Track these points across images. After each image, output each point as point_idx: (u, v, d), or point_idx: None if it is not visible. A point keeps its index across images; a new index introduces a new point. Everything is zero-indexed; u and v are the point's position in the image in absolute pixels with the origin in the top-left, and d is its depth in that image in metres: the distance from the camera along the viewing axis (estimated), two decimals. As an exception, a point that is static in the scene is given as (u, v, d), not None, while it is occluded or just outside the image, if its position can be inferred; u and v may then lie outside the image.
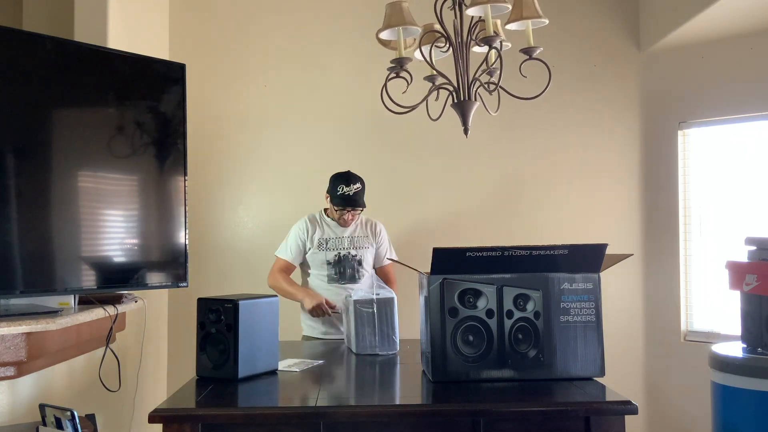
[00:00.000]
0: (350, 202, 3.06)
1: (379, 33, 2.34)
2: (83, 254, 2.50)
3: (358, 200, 3.08)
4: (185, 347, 3.66)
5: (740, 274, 2.78)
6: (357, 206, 3.08)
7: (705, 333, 3.75)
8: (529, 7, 2.21)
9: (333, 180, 3.13)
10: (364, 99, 3.85)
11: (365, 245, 3.19)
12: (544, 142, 4.02)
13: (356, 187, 3.07)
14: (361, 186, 3.11)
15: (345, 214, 3.10)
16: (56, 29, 3.01)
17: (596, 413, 1.79)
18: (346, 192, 3.05)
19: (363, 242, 3.19)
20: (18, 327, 2.03)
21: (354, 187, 3.06)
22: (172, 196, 2.80)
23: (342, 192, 3.05)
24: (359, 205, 3.09)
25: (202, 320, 2.13)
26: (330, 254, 3.13)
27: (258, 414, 1.79)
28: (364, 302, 2.59)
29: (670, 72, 3.92)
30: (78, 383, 2.69)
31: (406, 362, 2.43)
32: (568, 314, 2.03)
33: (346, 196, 3.05)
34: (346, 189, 3.05)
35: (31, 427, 2.14)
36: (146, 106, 2.73)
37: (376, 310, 2.58)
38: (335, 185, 3.09)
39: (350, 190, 3.05)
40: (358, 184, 3.09)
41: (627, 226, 4.00)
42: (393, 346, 2.58)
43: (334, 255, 3.13)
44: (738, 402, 2.65)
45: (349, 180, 3.08)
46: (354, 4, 3.99)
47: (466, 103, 2.31)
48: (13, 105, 2.30)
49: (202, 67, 3.88)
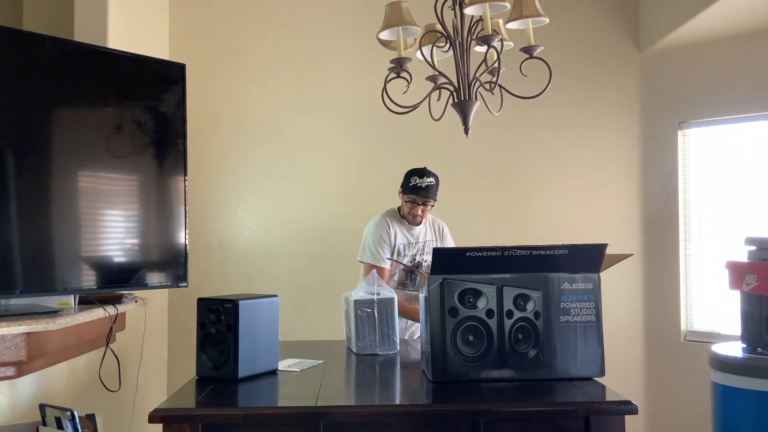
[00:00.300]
0: (422, 192, 3.02)
1: (379, 33, 2.34)
2: (83, 254, 2.50)
3: (429, 193, 3.03)
4: (185, 347, 3.66)
5: (740, 274, 2.78)
6: (428, 197, 3.03)
7: (705, 333, 3.75)
8: (529, 6, 2.21)
9: (407, 174, 3.10)
10: (364, 99, 3.85)
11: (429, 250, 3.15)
12: (544, 142, 4.02)
13: (430, 180, 3.04)
14: (435, 181, 3.06)
15: (416, 208, 3.05)
16: (56, 29, 3.01)
17: (596, 413, 1.79)
18: (419, 183, 3.02)
19: (429, 247, 3.15)
20: (18, 327, 2.03)
21: (428, 180, 3.02)
22: (172, 196, 2.80)
23: (415, 183, 3.03)
24: (431, 196, 3.04)
25: (202, 320, 2.13)
26: (405, 260, 3.10)
27: (258, 414, 1.78)
28: (364, 302, 2.59)
29: (670, 72, 3.92)
30: (78, 383, 2.69)
31: (406, 362, 2.43)
32: (568, 314, 2.03)
33: (418, 186, 3.02)
34: (419, 181, 3.02)
35: (31, 427, 2.14)
36: (146, 106, 2.74)
37: (376, 310, 2.59)
38: (409, 177, 3.06)
39: (423, 182, 3.02)
40: (431, 178, 3.05)
41: (627, 226, 4.00)
42: (393, 346, 2.57)
43: (410, 260, 3.12)
44: (738, 402, 2.65)
45: (424, 173, 3.05)
46: (354, 5, 3.99)
47: (466, 103, 2.31)
48: (13, 105, 2.30)
49: (202, 67, 3.88)
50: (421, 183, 3.01)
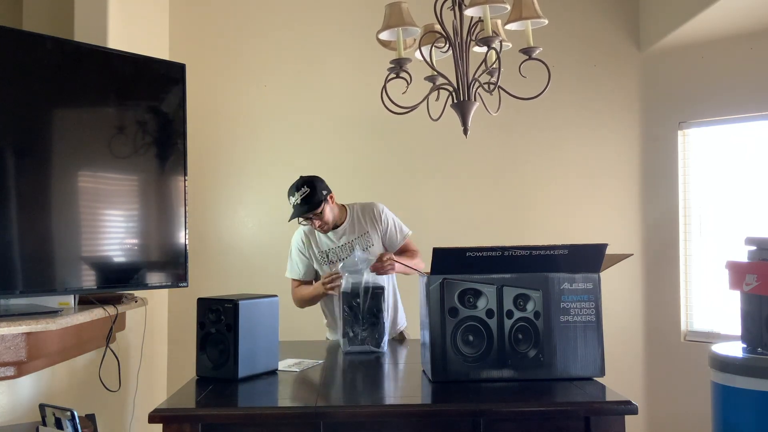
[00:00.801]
0: (298, 211, 2.81)
1: (379, 33, 2.34)
2: (83, 254, 2.50)
3: (306, 208, 2.79)
4: (185, 347, 3.66)
5: (740, 274, 2.78)
6: (309, 210, 2.79)
7: (705, 333, 3.75)
8: (528, 8, 2.21)
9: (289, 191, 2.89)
10: (363, 99, 3.84)
11: (369, 242, 2.93)
12: (543, 143, 4.02)
13: (301, 192, 2.79)
14: (309, 188, 2.79)
15: (311, 224, 2.87)
16: (56, 29, 3.01)
17: (596, 413, 1.79)
18: (294, 203, 2.81)
19: (365, 240, 2.93)
20: (18, 327, 2.03)
21: (299, 194, 2.79)
22: (172, 196, 2.80)
23: (292, 204, 2.82)
24: (312, 208, 2.79)
25: (202, 320, 2.13)
26: (336, 266, 2.86)
27: (258, 414, 1.78)
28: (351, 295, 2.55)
29: (670, 72, 3.92)
30: (78, 383, 2.69)
31: (406, 362, 2.43)
32: (568, 314, 2.03)
33: (295, 206, 2.81)
34: (293, 199, 2.81)
35: (31, 427, 2.14)
36: (146, 106, 2.73)
37: (362, 302, 2.54)
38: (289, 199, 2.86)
39: (297, 199, 2.79)
40: (303, 188, 2.79)
41: (627, 226, 4.00)
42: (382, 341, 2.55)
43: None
44: (738, 402, 2.65)
45: (294, 189, 2.82)
46: (354, 5, 3.99)
47: (465, 104, 2.31)
48: (13, 105, 2.30)
49: (202, 67, 3.88)
50: (296, 201, 2.80)
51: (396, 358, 2.56)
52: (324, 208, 2.82)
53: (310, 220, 2.85)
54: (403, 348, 2.81)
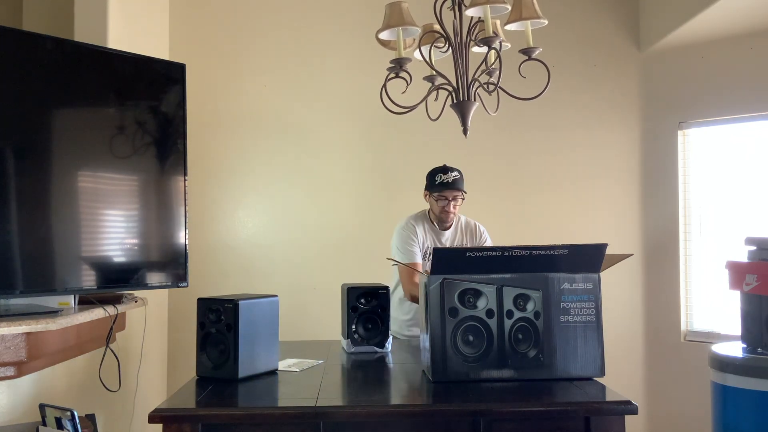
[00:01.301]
0: (450, 186, 2.95)
1: (379, 33, 2.34)
2: (83, 254, 2.50)
3: (457, 184, 2.97)
4: (185, 347, 3.66)
5: (740, 274, 2.78)
6: (457, 189, 2.96)
7: (705, 333, 3.75)
8: (528, 8, 2.21)
9: (430, 173, 3.05)
10: (363, 99, 3.85)
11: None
12: (543, 143, 4.02)
13: (455, 174, 2.98)
14: (460, 174, 3.00)
15: (447, 205, 2.99)
16: (56, 29, 3.01)
17: (596, 413, 1.79)
18: (445, 179, 2.96)
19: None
20: (18, 327, 2.03)
21: (452, 174, 2.97)
22: (172, 196, 2.80)
23: (441, 180, 2.96)
24: (459, 187, 2.97)
25: (202, 320, 2.13)
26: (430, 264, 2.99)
27: (258, 414, 1.78)
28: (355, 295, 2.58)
29: (670, 72, 3.92)
30: (78, 383, 2.69)
31: (406, 362, 2.43)
32: (568, 314, 2.03)
33: (444, 182, 2.95)
34: (444, 177, 2.97)
35: (31, 427, 2.14)
36: (146, 106, 2.74)
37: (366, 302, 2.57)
38: (432, 176, 3.01)
39: (449, 177, 2.96)
40: (455, 172, 2.99)
41: (627, 226, 4.00)
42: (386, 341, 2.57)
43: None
44: (738, 402, 2.65)
45: (447, 169, 2.99)
46: (354, 5, 3.99)
47: (465, 104, 2.31)
48: (13, 105, 2.30)
49: (202, 67, 3.88)
50: (446, 178, 2.96)
51: (396, 358, 2.56)
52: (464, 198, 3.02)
53: (449, 201, 2.98)
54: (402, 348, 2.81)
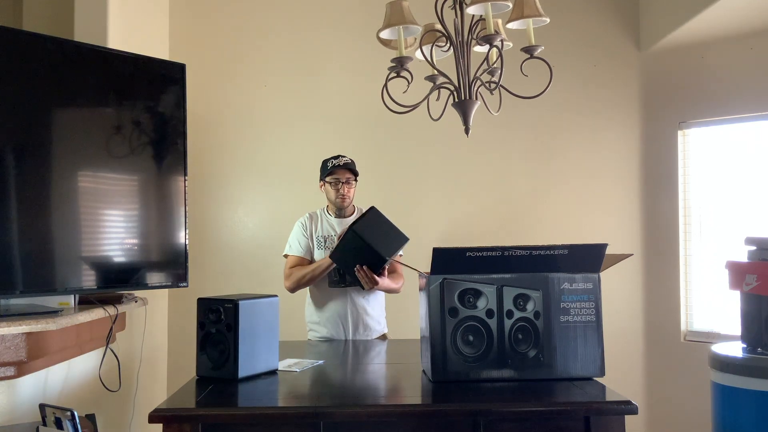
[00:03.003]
0: (341, 168, 3.00)
1: (380, 32, 2.34)
2: (83, 254, 2.50)
3: (349, 166, 3.01)
4: (185, 347, 3.65)
5: (740, 274, 2.78)
6: (348, 169, 3.00)
7: (705, 333, 3.75)
8: (530, 6, 2.21)
9: (323, 162, 3.08)
10: (364, 99, 3.84)
11: None
12: (544, 142, 4.02)
13: (345, 159, 3.03)
14: (351, 161, 3.05)
15: (341, 187, 3.00)
16: (56, 29, 3.01)
17: (596, 413, 1.79)
18: (336, 162, 3.01)
19: None
20: (18, 327, 2.03)
21: (343, 159, 3.02)
22: (172, 196, 2.80)
23: (333, 163, 3.01)
24: (351, 169, 3.01)
25: (202, 320, 2.13)
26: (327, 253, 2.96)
27: (258, 414, 1.78)
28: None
29: (670, 72, 3.92)
30: (78, 383, 2.69)
31: (406, 362, 2.43)
32: (568, 314, 2.03)
33: (336, 165, 3.01)
34: (335, 161, 3.02)
35: (31, 427, 2.14)
36: (146, 106, 2.74)
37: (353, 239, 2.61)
38: (325, 163, 3.05)
39: (339, 161, 3.01)
40: (346, 158, 3.04)
41: (627, 226, 4.00)
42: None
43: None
44: (738, 402, 2.65)
45: (338, 156, 3.05)
46: (354, 4, 3.99)
47: (467, 103, 2.31)
48: (14, 105, 2.30)
49: (202, 67, 3.88)
50: (337, 162, 3.01)
51: (396, 358, 2.56)
52: (356, 182, 3.07)
53: (342, 183, 3.01)
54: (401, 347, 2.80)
